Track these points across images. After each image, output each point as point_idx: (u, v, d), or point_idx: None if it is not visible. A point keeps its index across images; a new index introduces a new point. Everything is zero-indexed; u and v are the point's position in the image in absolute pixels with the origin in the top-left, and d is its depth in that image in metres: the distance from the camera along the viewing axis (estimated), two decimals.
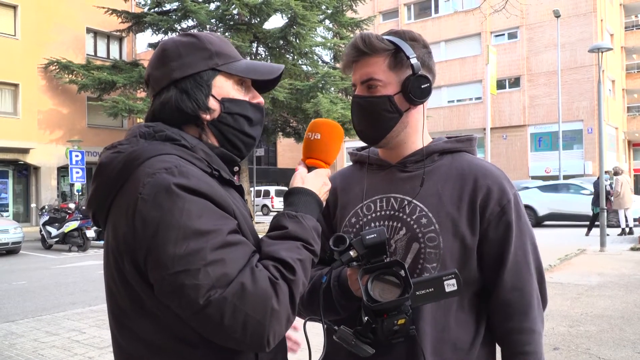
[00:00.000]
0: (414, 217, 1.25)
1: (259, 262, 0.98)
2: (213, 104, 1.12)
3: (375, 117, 1.27)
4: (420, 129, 1.32)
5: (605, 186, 13.91)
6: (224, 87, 1.13)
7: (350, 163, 1.49)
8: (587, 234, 14.18)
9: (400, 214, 1.27)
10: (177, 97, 1.09)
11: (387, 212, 1.29)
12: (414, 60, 1.23)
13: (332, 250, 1.12)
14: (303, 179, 1.15)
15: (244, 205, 1.13)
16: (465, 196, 1.25)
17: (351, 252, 1.11)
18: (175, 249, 0.91)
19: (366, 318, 1.14)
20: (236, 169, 1.17)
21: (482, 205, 1.24)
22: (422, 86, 1.24)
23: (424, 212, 1.25)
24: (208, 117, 1.12)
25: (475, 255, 1.25)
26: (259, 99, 1.19)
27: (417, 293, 1.10)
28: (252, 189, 23.93)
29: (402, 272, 1.08)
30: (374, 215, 1.30)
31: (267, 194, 33.28)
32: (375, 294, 1.08)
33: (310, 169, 1.18)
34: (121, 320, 1.03)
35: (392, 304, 1.07)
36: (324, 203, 1.17)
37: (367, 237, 1.10)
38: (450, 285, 1.10)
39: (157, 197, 0.93)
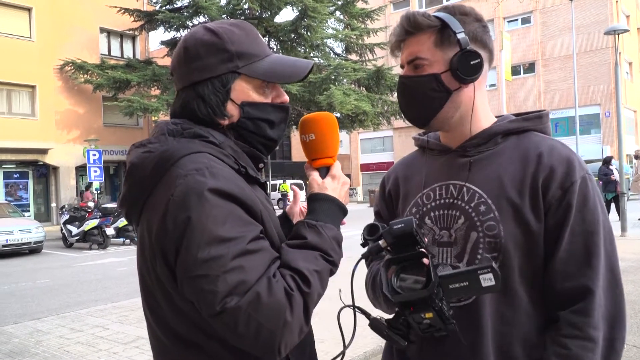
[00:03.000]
0: (472, 204, 1.18)
1: (277, 271, 0.97)
2: (231, 109, 1.09)
3: (421, 98, 1.19)
4: (480, 109, 1.22)
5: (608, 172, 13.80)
6: (244, 90, 1.09)
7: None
8: None
9: (459, 202, 1.20)
10: (193, 102, 1.08)
11: (447, 200, 1.22)
12: (460, 35, 1.14)
13: (365, 239, 1.09)
14: (320, 185, 1.12)
15: (269, 202, 1.13)
16: (527, 178, 1.14)
17: (380, 242, 1.06)
18: (197, 253, 0.92)
19: (396, 309, 1.11)
20: (261, 165, 1.16)
21: (544, 187, 1.13)
22: (472, 62, 1.15)
23: (482, 199, 1.17)
24: (225, 122, 1.09)
25: (543, 243, 1.14)
26: (283, 98, 1.14)
27: (451, 287, 1.03)
28: (267, 182, 24.06)
29: (426, 265, 1.03)
30: (433, 204, 1.25)
31: None
32: (397, 285, 1.04)
33: (320, 169, 1.15)
34: (157, 313, 1.06)
35: (413, 297, 1.03)
36: (347, 204, 1.15)
37: (395, 227, 1.04)
38: (487, 279, 1.00)
39: (186, 199, 0.94)
